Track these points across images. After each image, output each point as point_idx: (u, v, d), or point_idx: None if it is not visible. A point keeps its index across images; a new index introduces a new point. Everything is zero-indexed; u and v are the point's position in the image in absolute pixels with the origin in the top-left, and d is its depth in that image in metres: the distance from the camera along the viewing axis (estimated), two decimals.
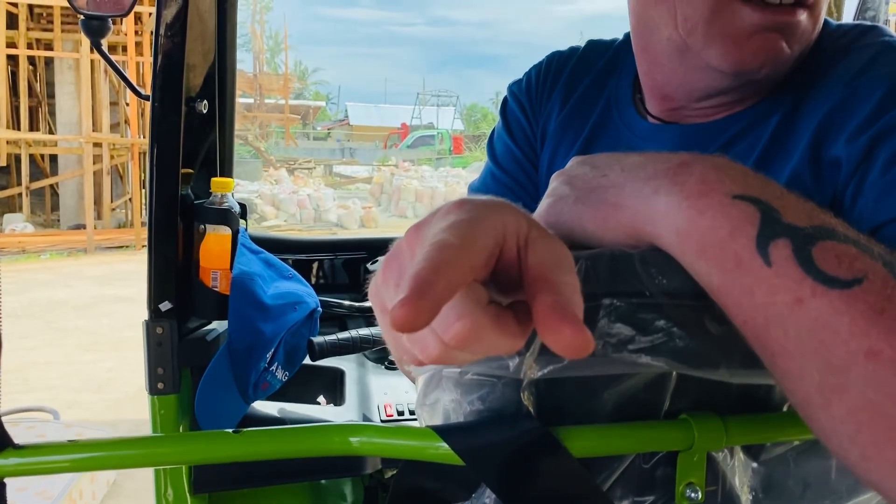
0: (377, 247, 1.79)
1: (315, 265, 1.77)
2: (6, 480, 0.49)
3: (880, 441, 0.39)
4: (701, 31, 0.66)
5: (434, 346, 0.37)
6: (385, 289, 0.41)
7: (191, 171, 1.35)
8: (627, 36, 0.82)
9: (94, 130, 11.64)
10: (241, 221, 1.37)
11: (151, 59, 1.25)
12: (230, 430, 0.49)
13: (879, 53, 0.64)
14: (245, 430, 0.50)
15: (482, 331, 0.36)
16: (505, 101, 0.96)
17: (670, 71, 0.72)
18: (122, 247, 11.23)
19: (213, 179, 1.33)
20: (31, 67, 13.03)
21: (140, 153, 12.01)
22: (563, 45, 0.95)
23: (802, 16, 0.64)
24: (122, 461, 0.50)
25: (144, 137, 12.06)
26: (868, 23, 0.71)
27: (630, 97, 0.82)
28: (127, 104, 12.86)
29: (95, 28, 1.19)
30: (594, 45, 0.91)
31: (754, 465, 0.52)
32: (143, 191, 12.20)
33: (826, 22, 0.71)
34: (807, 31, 0.65)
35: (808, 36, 0.66)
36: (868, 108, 0.59)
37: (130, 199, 12.54)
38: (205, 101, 1.32)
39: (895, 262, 0.42)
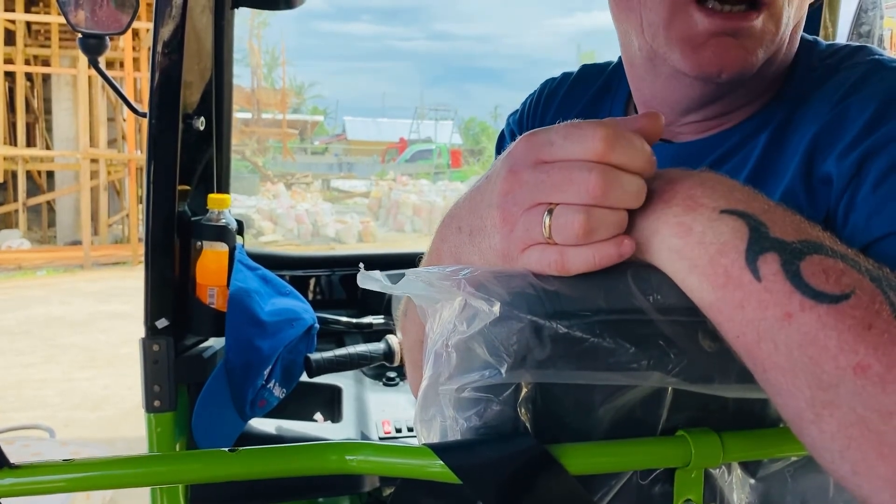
0: (375, 262, 1.79)
1: (312, 281, 1.77)
2: (2, 501, 0.49)
3: (870, 457, 0.39)
4: (662, 35, 0.66)
5: None
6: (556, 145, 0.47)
7: (188, 187, 1.35)
8: (621, 59, 0.83)
9: (91, 146, 11.64)
10: (238, 238, 1.37)
11: (149, 76, 1.25)
12: (226, 450, 0.49)
13: (869, 71, 0.64)
14: (241, 448, 0.49)
15: None
16: (501, 134, 0.97)
17: (650, 82, 0.73)
18: (118, 263, 11.20)
19: (210, 196, 1.33)
20: (28, 84, 13.05)
21: (137, 169, 12.01)
22: (562, 58, 0.96)
23: (757, 20, 0.64)
24: (118, 481, 0.50)
25: (142, 153, 12.06)
26: (856, 43, 0.71)
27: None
28: (124, 120, 12.87)
29: (93, 46, 1.19)
30: (587, 70, 0.92)
31: (752, 481, 0.52)
32: (141, 207, 12.19)
33: (817, 42, 0.72)
34: (769, 34, 0.65)
35: (771, 38, 0.65)
36: (858, 125, 0.59)
37: (127, 216, 12.52)
38: (202, 118, 1.33)
39: (883, 277, 0.42)
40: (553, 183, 0.47)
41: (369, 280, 0.57)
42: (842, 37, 1.42)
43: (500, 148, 0.96)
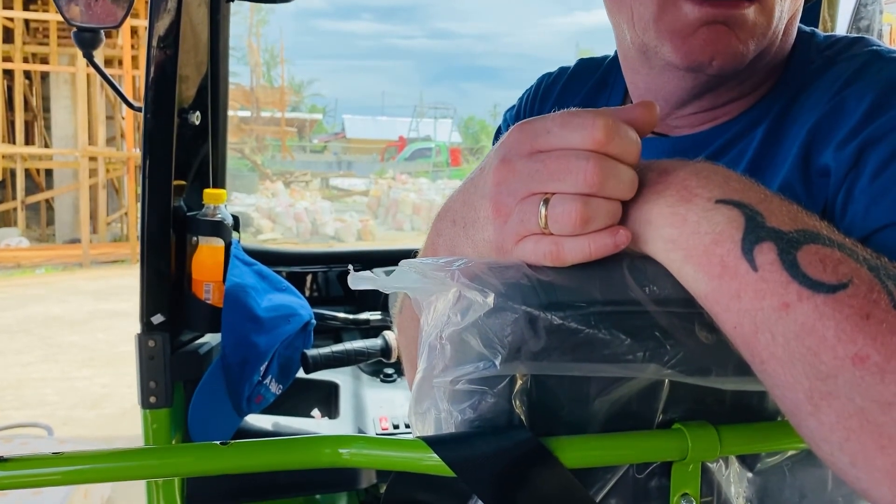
0: (371, 259, 1.78)
1: (309, 277, 1.76)
2: None
3: (869, 448, 0.39)
4: (652, 28, 0.66)
5: None
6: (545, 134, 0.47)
7: (183, 182, 1.34)
8: (617, 53, 0.83)
9: (89, 144, 11.64)
10: (235, 233, 1.36)
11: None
12: (218, 443, 0.49)
13: (867, 63, 0.64)
14: (234, 441, 0.49)
15: None
16: (498, 130, 0.97)
17: (644, 75, 0.73)
18: (117, 261, 11.20)
19: (206, 191, 1.32)
20: (27, 82, 13.05)
21: (136, 167, 12.00)
22: (561, 57, 0.96)
23: (748, 9, 0.63)
24: (109, 474, 0.49)
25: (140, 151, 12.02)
26: (854, 34, 0.70)
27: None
28: (123, 118, 12.87)
29: (88, 40, 1.19)
30: (584, 64, 0.92)
31: (749, 475, 0.51)
32: (139, 205, 12.15)
33: (814, 34, 0.72)
34: (759, 26, 0.64)
35: (763, 32, 0.64)
36: (856, 115, 0.59)
37: (126, 213, 12.53)
38: (197, 113, 1.32)
39: (881, 267, 0.42)
40: (549, 172, 0.46)
41: (361, 281, 0.56)
42: (841, 31, 1.42)
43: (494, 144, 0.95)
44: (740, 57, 0.64)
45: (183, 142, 1.30)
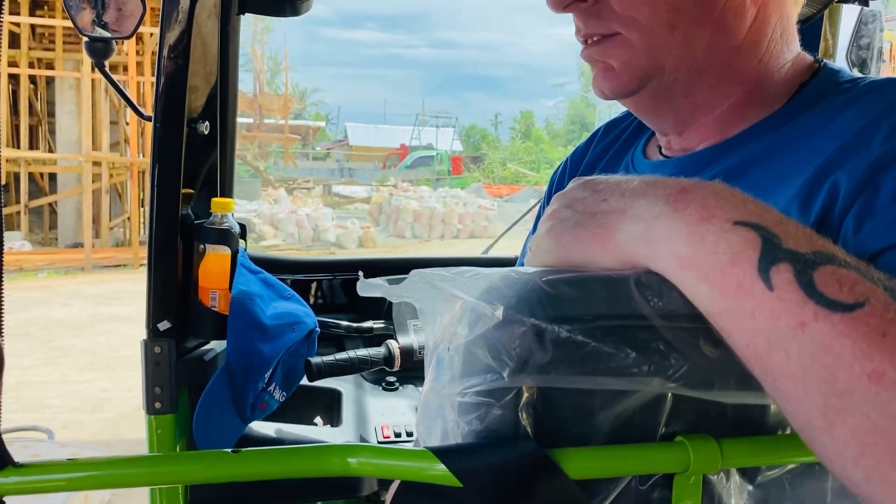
0: (375, 267, 1.79)
1: (314, 285, 1.77)
2: (5, 499, 0.50)
3: (884, 463, 0.39)
4: None
5: None
6: None
7: (191, 191, 1.35)
8: None
9: (93, 149, 11.67)
10: (241, 241, 1.37)
11: (152, 79, 1.26)
12: (228, 451, 0.50)
13: (881, 87, 0.65)
14: (243, 450, 0.50)
15: None
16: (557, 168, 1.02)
17: None
18: (119, 265, 11.22)
19: (214, 200, 1.33)
20: (32, 86, 13.09)
21: (139, 172, 12.05)
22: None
23: (608, 43, 0.71)
24: (121, 480, 0.50)
25: (144, 156, 12.12)
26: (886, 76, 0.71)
27: (643, 144, 0.87)
28: (127, 123, 12.92)
29: (99, 50, 1.20)
30: None
31: (750, 487, 0.52)
32: (142, 210, 12.23)
33: (839, 72, 0.72)
34: (629, 54, 0.70)
35: (634, 56, 0.70)
36: (872, 137, 0.59)
37: (129, 218, 12.54)
38: (206, 123, 1.33)
39: (895, 287, 0.43)
40: None
41: (370, 288, 0.57)
42: (842, 49, 1.43)
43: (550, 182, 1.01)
44: (621, 85, 0.72)
45: (191, 151, 1.31)
